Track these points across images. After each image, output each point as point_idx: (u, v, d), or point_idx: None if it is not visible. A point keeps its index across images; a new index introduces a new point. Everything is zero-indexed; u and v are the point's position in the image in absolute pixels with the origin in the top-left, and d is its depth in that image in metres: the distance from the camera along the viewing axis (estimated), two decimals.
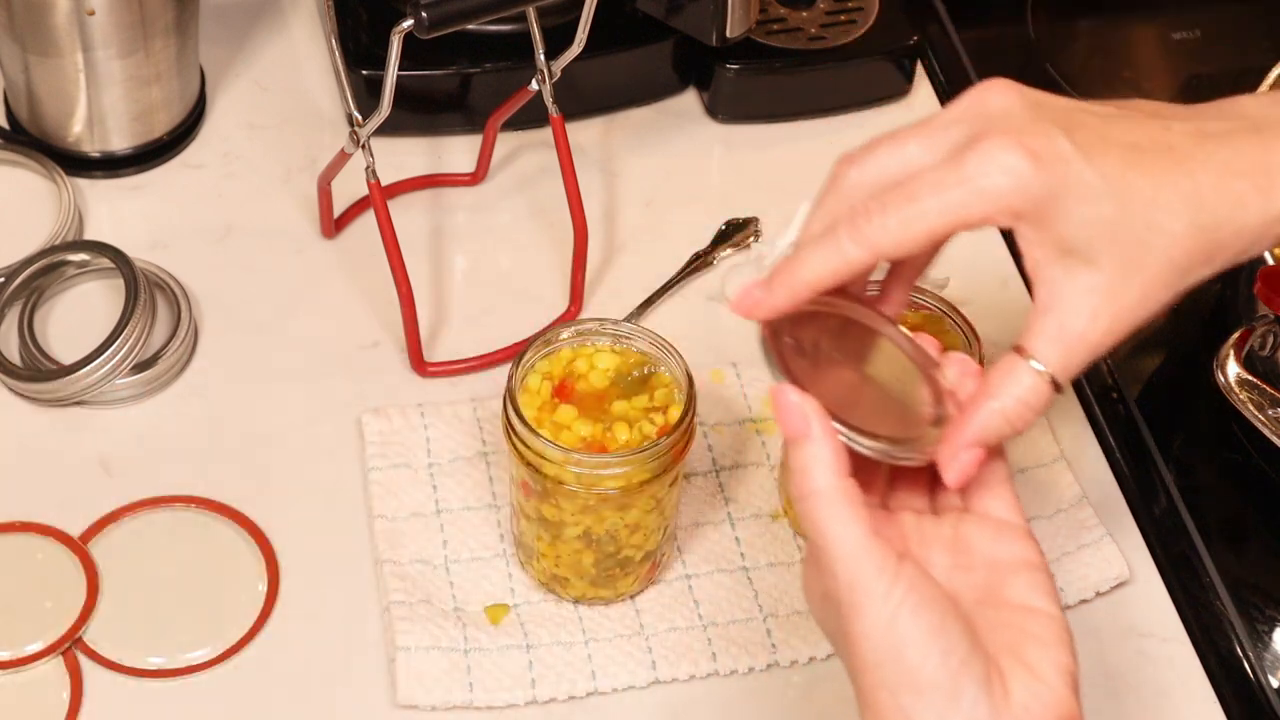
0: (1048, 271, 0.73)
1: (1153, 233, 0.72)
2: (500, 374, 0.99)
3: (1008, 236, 1.15)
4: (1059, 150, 0.71)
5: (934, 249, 0.77)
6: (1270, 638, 0.96)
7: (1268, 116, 0.75)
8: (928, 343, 0.78)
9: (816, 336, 0.76)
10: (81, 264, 1.07)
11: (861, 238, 0.73)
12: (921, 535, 0.75)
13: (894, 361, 0.77)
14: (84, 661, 0.92)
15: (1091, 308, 0.72)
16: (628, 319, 1.07)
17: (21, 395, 1.02)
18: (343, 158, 1.04)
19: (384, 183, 1.02)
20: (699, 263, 1.11)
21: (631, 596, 0.95)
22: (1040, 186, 0.71)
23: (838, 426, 0.71)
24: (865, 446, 0.72)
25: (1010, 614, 0.72)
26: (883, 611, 0.70)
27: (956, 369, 0.77)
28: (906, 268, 0.79)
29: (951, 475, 0.73)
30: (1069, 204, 0.71)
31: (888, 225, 0.72)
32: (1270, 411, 0.98)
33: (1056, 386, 0.73)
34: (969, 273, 1.11)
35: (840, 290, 0.76)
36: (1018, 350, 0.73)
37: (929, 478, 0.76)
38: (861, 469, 0.73)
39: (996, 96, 0.74)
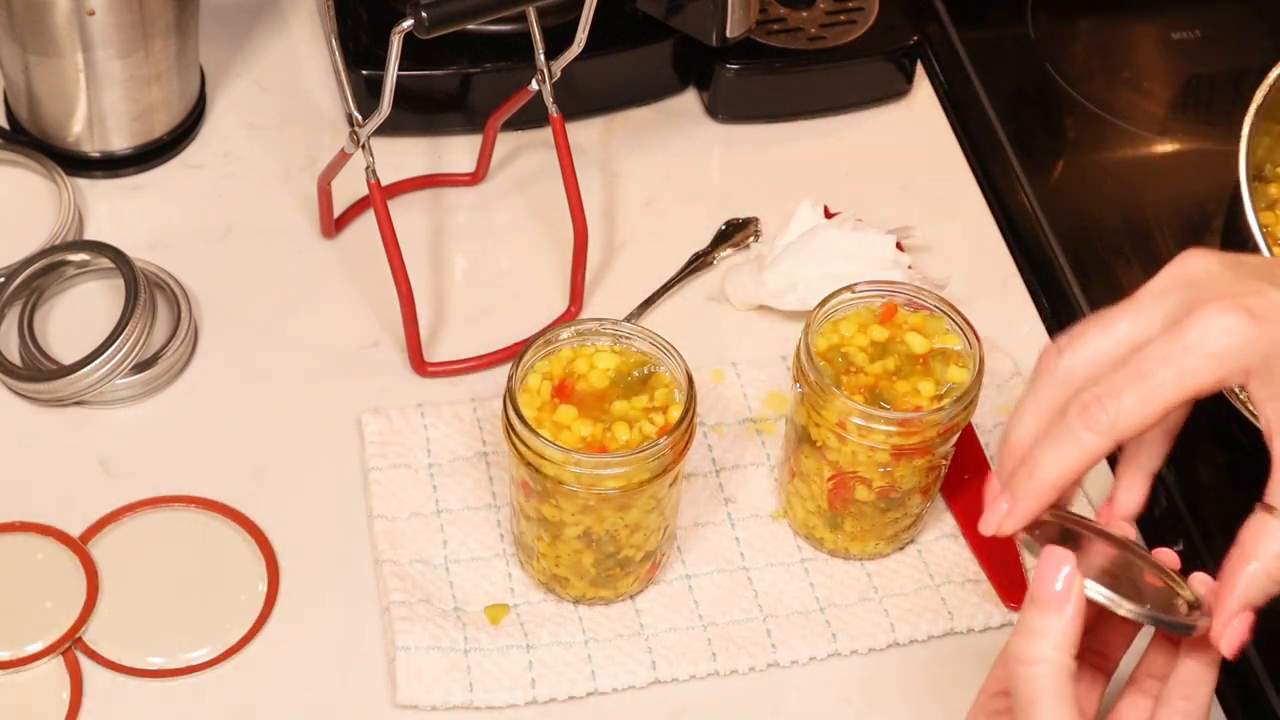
0: None
1: None
2: (500, 374, 0.99)
3: (1008, 238, 1.15)
4: (1273, 301, 0.71)
5: (1166, 435, 0.78)
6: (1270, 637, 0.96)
7: None
8: (1167, 559, 0.78)
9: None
10: (81, 264, 1.07)
11: (1099, 424, 0.72)
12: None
13: (1137, 568, 0.77)
14: (84, 661, 0.92)
15: None
16: (628, 319, 1.07)
17: (21, 395, 1.02)
18: (343, 158, 1.04)
19: (384, 183, 1.02)
20: (699, 263, 1.11)
21: (631, 596, 0.95)
22: (1267, 342, 0.71)
23: (1101, 590, 0.71)
24: (1128, 610, 0.72)
25: None
26: None
27: (1202, 586, 0.76)
28: (1141, 456, 0.79)
29: (1227, 644, 0.73)
30: None
31: (1125, 406, 0.72)
32: None
33: None
34: (969, 273, 1.11)
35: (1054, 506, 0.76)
36: (1266, 508, 0.73)
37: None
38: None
39: (1196, 262, 0.74)
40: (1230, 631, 0.73)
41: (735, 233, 1.13)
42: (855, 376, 0.92)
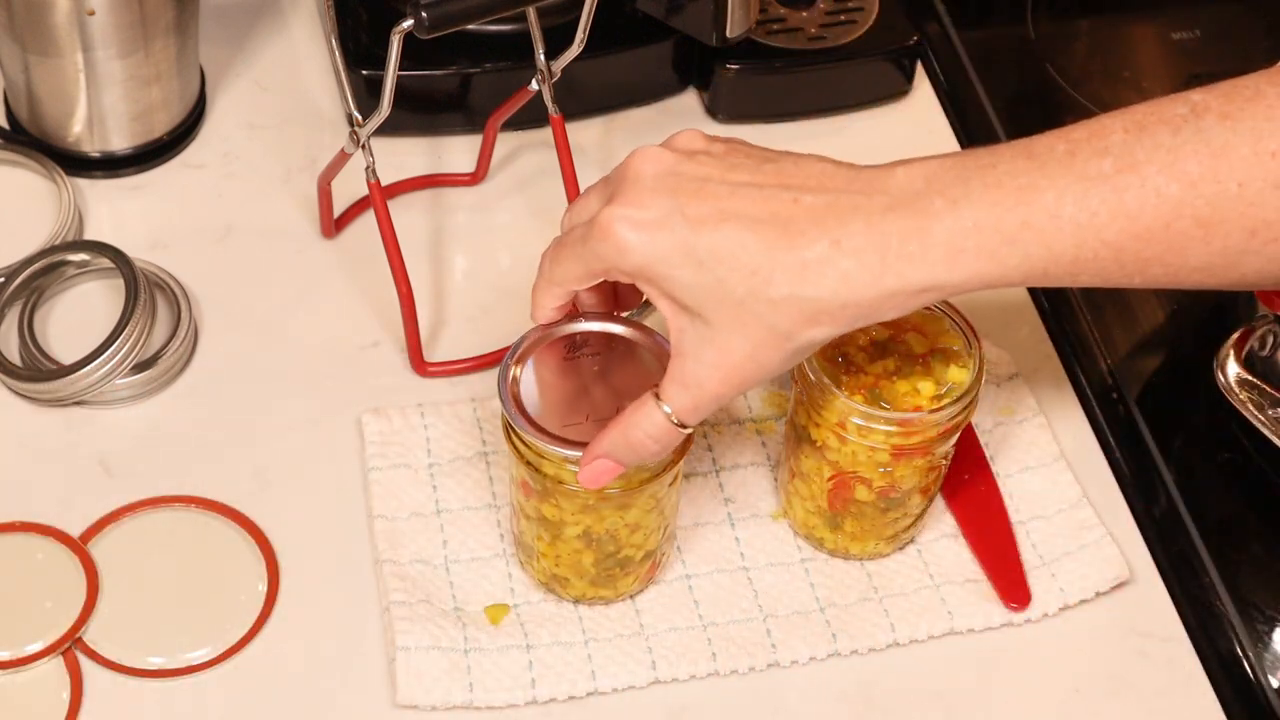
0: (674, 320, 0.83)
1: (753, 299, 0.80)
2: None
3: None
4: (666, 222, 0.81)
5: (604, 287, 0.91)
6: (1270, 638, 0.96)
7: (906, 190, 0.80)
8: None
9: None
10: (81, 264, 1.07)
11: (545, 278, 0.88)
12: None
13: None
14: (84, 661, 0.92)
15: (710, 358, 0.82)
16: (629, 317, 1.06)
17: (21, 395, 1.02)
18: (343, 158, 1.04)
19: (384, 183, 1.02)
20: None
21: (631, 596, 0.95)
22: (642, 256, 0.81)
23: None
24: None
25: None
26: None
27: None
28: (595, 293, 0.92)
29: (584, 477, 0.85)
30: (673, 271, 0.81)
31: (554, 273, 0.86)
32: (1270, 411, 0.98)
33: (683, 426, 0.84)
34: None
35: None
36: (654, 390, 0.84)
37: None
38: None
39: (640, 163, 0.83)
40: (589, 470, 0.85)
41: None
42: (855, 376, 0.92)
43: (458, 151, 1.17)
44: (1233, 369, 0.99)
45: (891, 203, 0.80)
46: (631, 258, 0.82)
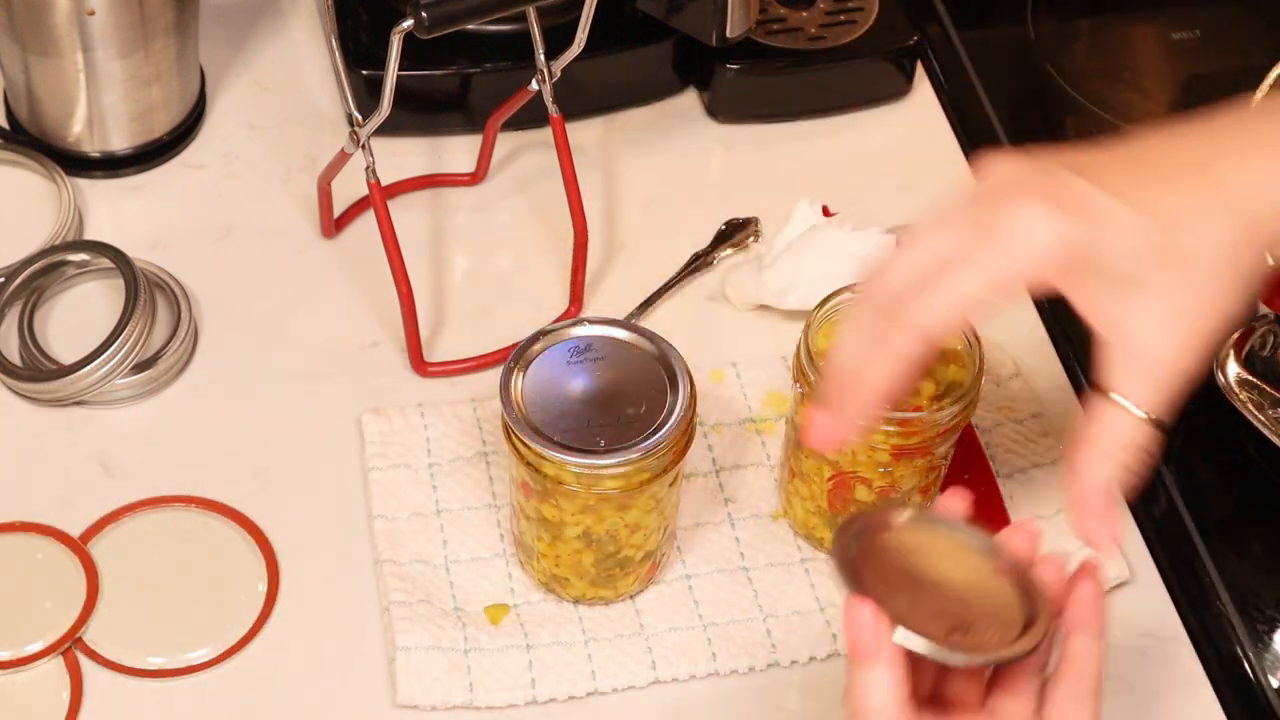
0: (1107, 310, 0.72)
1: (1197, 243, 0.71)
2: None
3: None
4: (1079, 191, 0.71)
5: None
6: (1270, 638, 0.96)
7: (1228, 114, 0.75)
8: (1024, 541, 0.77)
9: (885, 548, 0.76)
10: (81, 264, 1.07)
11: (905, 324, 0.72)
12: None
13: (982, 581, 0.76)
14: (84, 661, 0.92)
15: (1162, 329, 0.72)
16: (628, 319, 1.07)
17: (21, 395, 1.02)
18: (343, 158, 1.04)
19: (384, 183, 1.02)
20: (699, 263, 1.11)
21: (631, 596, 0.95)
22: (1074, 230, 0.71)
23: (916, 639, 0.71)
24: (954, 660, 0.71)
25: None
26: None
27: (1022, 539, 0.76)
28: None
29: (1093, 532, 0.74)
30: (1105, 237, 0.71)
31: (932, 304, 0.71)
32: (1270, 411, 0.98)
33: (1158, 424, 0.73)
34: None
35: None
36: (1101, 391, 0.73)
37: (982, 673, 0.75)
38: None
39: (999, 166, 0.74)
40: (1088, 517, 0.74)
41: (735, 232, 1.13)
42: None
43: (458, 151, 1.17)
44: (1233, 369, 0.99)
45: (1220, 125, 0.74)
46: (1068, 236, 0.71)
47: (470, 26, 0.96)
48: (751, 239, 1.13)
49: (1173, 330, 0.72)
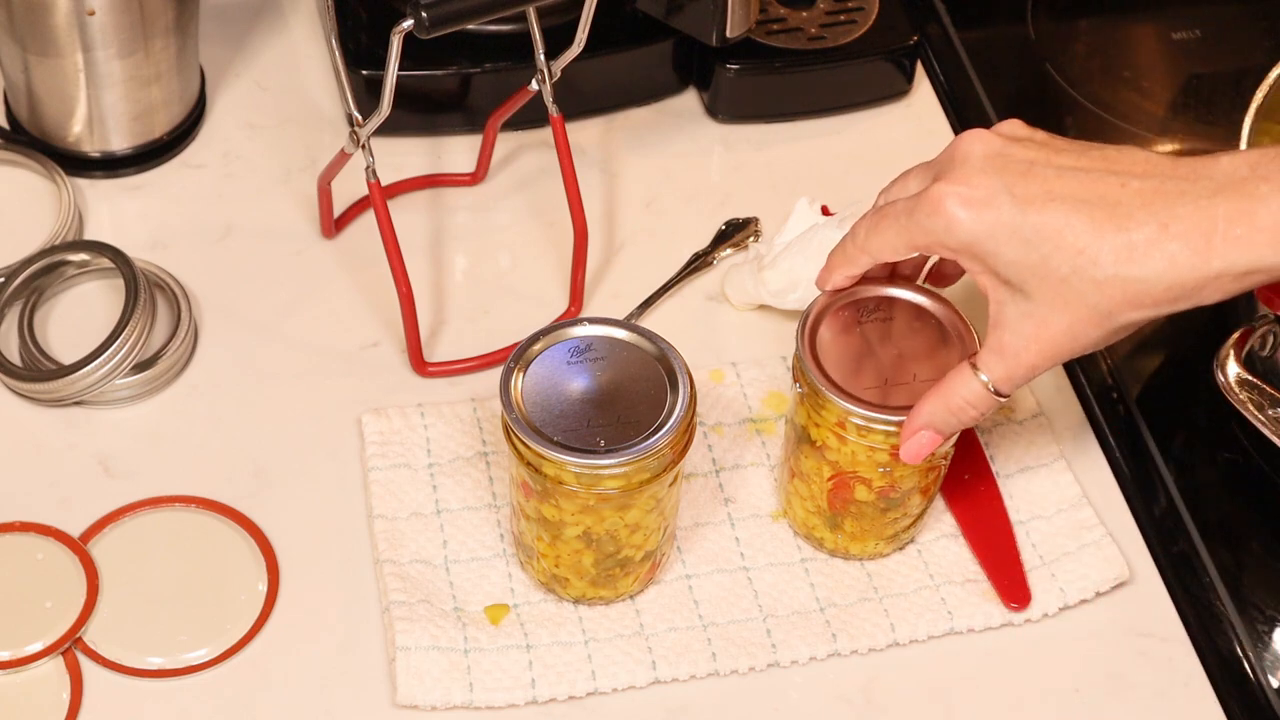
0: (994, 293, 0.86)
1: (1077, 277, 0.83)
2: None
3: None
4: (994, 201, 0.84)
5: (918, 260, 0.95)
6: (1270, 638, 0.96)
7: (1231, 176, 0.82)
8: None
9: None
10: (81, 264, 1.07)
11: (855, 239, 0.91)
12: None
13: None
14: (84, 661, 0.92)
15: (1028, 331, 0.85)
16: (628, 319, 1.07)
17: (21, 395, 1.02)
18: (343, 158, 1.04)
19: (384, 183, 1.02)
20: (699, 263, 1.11)
21: (631, 596, 0.95)
22: (968, 232, 0.84)
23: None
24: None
25: None
26: None
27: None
28: (905, 267, 0.96)
29: (907, 452, 0.89)
30: (999, 247, 0.84)
31: (869, 242, 0.89)
32: (1270, 411, 0.98)
33: (999, 394, 0.88)
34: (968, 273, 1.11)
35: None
36: (971, 360, 0.88)
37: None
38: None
39: (969, 143, 0.86)
40: (912, 443, 0.89)
41: (735, 232, 1.13)
42: None
43: (458, 151, 1.17)
44: (1233, 369, 0.99)
45: (1217, 187, 0.82)
46: (959, 233, 0.85)
47: (470, 26, 0.96)
48: (751, 239, 1.13)
49: (1035, 336, 0.85)
